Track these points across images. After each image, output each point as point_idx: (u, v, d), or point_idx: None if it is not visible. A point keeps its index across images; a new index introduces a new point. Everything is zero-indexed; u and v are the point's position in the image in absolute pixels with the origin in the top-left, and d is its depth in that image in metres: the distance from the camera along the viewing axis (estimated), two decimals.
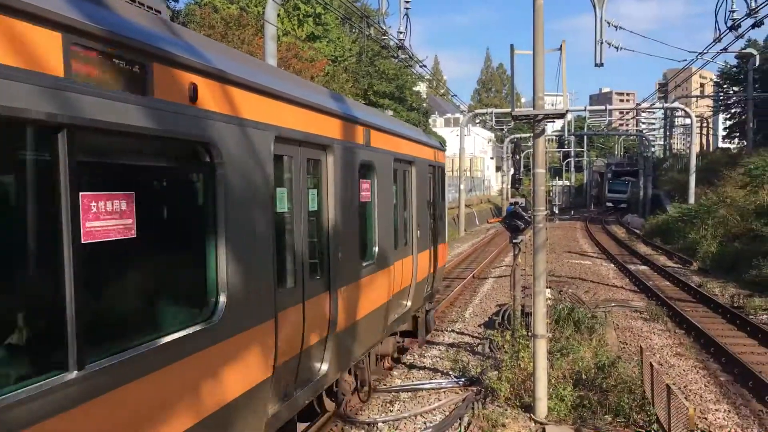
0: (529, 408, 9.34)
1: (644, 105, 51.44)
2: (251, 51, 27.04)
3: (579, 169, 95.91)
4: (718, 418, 9.63)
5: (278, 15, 34.49)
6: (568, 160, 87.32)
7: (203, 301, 5.12)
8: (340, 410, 8.91)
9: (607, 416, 8.98)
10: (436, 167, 13.69)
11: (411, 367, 12.26)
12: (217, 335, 5.01)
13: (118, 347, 4.10)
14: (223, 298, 5.09)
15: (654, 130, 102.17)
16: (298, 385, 6.87)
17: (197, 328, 4.83)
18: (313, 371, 7.35)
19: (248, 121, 5.47)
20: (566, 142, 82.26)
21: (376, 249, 9.47)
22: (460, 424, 9.06)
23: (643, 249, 34.22)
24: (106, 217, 4.02)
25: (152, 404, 4.33)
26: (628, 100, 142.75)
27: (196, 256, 5.16)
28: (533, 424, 8.95)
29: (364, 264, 8.90)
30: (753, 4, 13.09)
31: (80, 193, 3.75)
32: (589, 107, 54.09)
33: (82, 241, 3.77)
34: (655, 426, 8.56)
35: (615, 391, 9.50)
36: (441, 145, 14.80)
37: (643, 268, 26.64)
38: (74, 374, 3.64)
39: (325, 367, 7.47)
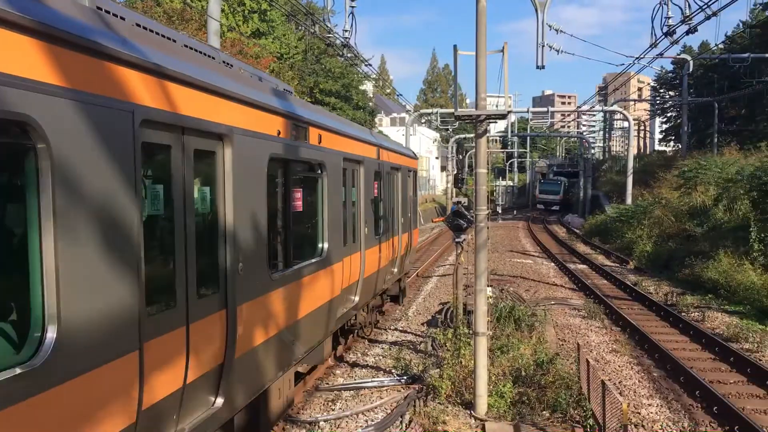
0: (469, 405, 9.45)
1: (585, 107, 52.72)
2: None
3: (522, 169, 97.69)
4: (651, 413, 9.93)
5: (222, 10, 33.99)
6: (512, 160, 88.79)
7: (21, 335, 3.93)
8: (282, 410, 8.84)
9: (545, 412, 9.16)
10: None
11: (354, 365, 12.25)
12: (41, 381, 3.76)
13: None
14: (51, 332, 3.84)
15: (594, 132, 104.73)
16: (181, 429, 5.53)
17: (11, 373, 3.60)
18: (202, 408, 5.93)
19: (93, 96, 4.21)
20: (510, 142, 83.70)
21: (324, 246, 9.64)
22: (401, 422, 9.10)
23: (582, 248, 35.03)
24: None
25: None
26: (569, 103, 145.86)
27: (10, 275, 4.05)
28: (473, 421, 9.07)
29: (281, 272, 7.79)
30: (687, 11, 13.53)
31: None
32: (531, 109, 55.11)
33: None
34: (590, 421, 8.78)
35: (553, 388, 9.70)
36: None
37: (582, 267, 27.28)
38: None
39: (219, 401, 6.09)
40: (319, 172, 9.47)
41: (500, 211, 65.30)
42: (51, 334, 3.84)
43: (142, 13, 30.13)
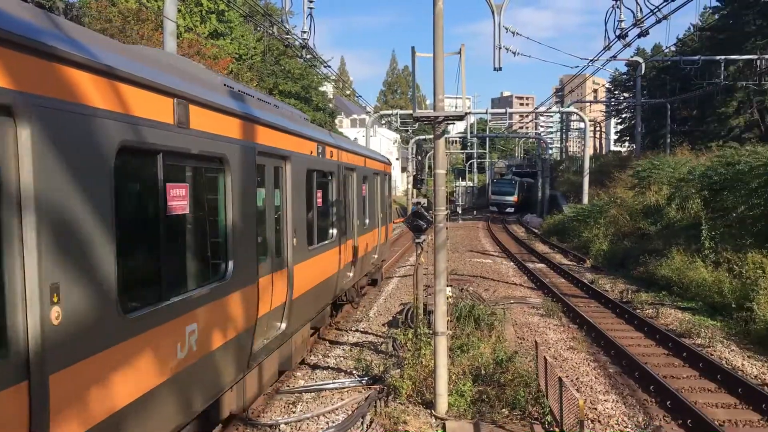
0: (430, 404, 9.52)
1: (542, 109, 53.42)
2: (151, 46, 26.19)
3: (482, 170, 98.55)
4: (607, 408, 10.13)
5: (180, 11, 33.56)
6: (471, 161, 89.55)
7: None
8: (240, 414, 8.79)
9: (504, 410, 9.28)
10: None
11: (314, 367, 12.23)
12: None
13: None
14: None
15: (552, 133, 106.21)
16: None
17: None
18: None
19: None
20: (469, 144, 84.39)
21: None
22: (362, 423, 9.13)
23: (541, 247, 35.50)
24: None
25: None
26: (527, 104, 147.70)
27: None
28: (434, 420, 9.14)
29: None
30: (639, 15, 13.86)
31: None
32: (490, 110, 55.67)
33: None
34: (548, 417, 8.93)
35: (512, 385, 9.83)
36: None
37: (540, 266, 27.65)
38: None
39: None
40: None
41: (460, 212, 65.80)
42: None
43: (96, 13, 29.62)
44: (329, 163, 12.95)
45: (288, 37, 17.19)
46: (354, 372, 11.76)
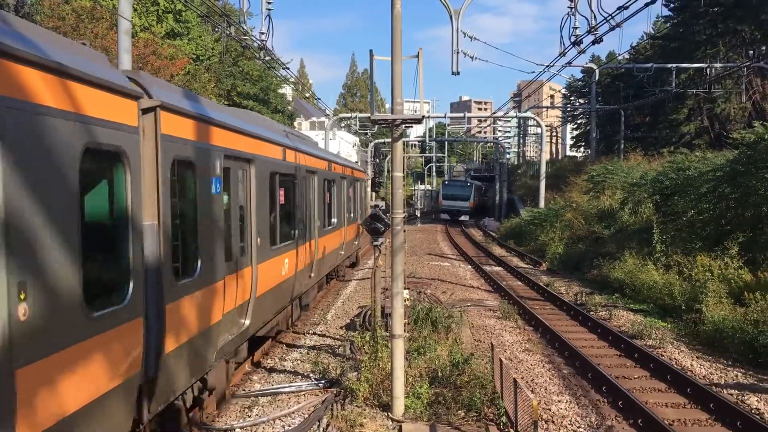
0: (387, 407, 9.53)
1: (500, 113, 53.97)
2: (105, 46, 25.71)
3: (441, 173, 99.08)
4: (561, 409, 10.28)
5: (136, 10, 33.00)
6: (430, 165, 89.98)
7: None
8: (195, 417, 8.68)
9: (460, 411, 9.34)
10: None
11: (271, 370, 12.14)
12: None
13: None
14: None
15: (509, 137, 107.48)
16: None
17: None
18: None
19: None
20: (428, 147, 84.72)
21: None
22: (318, 426, 9.08)
23: (498, 251, 35.88)
24: None
25: None
26: (485, 109, 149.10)
27: None
28: (390, 423, 9.15)
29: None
30: (593, 22, 14.14)
31: None
32: (449, 114, 56.07)
33: None
34: (503, 419, 9.03)
35: (468, 387, 9.92)
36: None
37: (497, 269, 27.94)
38: None
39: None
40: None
41: (419, 215, 66.06)
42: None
43: (49, 11, 28.91)
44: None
45: (246, 38, 17.05)
46: (311, 375, 11.71)
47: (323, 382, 11.25)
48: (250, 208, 10.32)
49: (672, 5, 47.82)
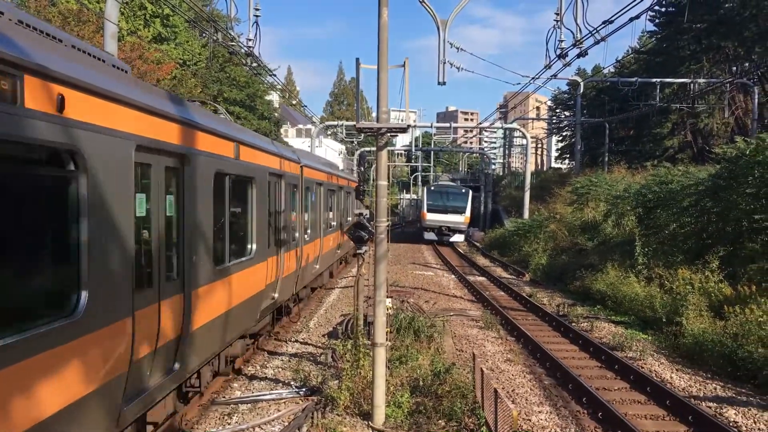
0: (367, 416, 9.50)
1: (486, 124, 54.24)
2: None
3: (427, 183, 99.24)
4: (541, 420, 10.30)
5: (123, 14, 32.89)
6: (416, 174, 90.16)
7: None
8: (174, 424, 8.61)
9: (441, 421, 9.34)
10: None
11: (252, 378, 12.07)
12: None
13: None
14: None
15: (495, 148, 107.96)
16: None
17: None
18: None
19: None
20: (414, 156, 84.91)
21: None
22: None
23: (482, 261, 35.96)
24: None
25: None
26: (472, 119, 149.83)
27: None
28: (370, 431, 9.12)
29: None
30: (578, 36, 14.27)
31: None
32: (435, 124, 56.27)
33: None
34: (484, 429, 9.02)
35: (449, 397, 9.92)
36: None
37: (481, 279, 28.00)
38: None
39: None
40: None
41: (404, 224, 66.14)
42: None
43: (35, 13, 28.76)
44: (250, 167, 10.97)
45: (233, 44, 17.05)
46: (292, 383, 11.66)
47: (304, 389, 11.21)
48: (182, 217, 7.98)
49: (657, 20, 48.41)
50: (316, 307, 20.01)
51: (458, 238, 44.45)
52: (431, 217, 44.71)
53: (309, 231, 17.28)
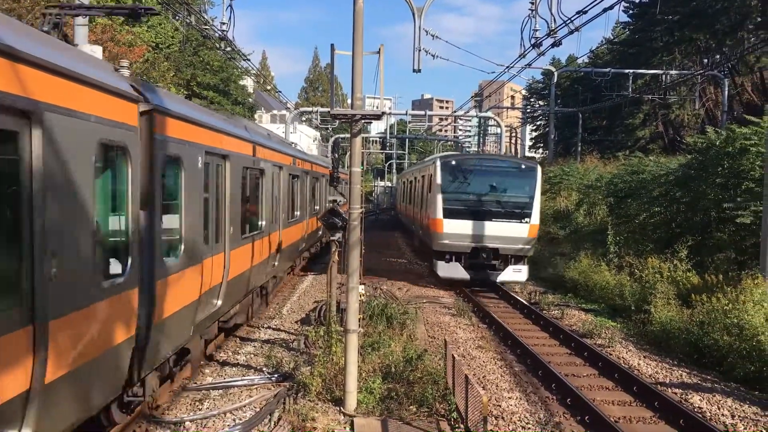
0: (339, 401, 9.54)
1: (460, 113, 54.33)
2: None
3: (401, 170, 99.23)
4: (511, 405, 10.42)
5: None
6: (391, 161, 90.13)
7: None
8: (145, 410, 8.57)
9: (412, 407, 9.41)
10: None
11: (224, 364, 12.03)
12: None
13: None
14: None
15: (470, 136, 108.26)
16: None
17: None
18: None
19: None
20: (389, 144, 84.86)
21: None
22: (270, 420, 9.05)
23: None
24: None
25: None
26: (447, 107, 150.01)
27: None
28: (342, 417, 9.17)
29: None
30: (553, 25, 14.36)
31: None
32: (410, 111, 56.23)
33: None
34: (454, 414, 9.13)
35: (421, 383, 10.00)
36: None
37: None
38: None
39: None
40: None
41: (378, 211, 66.21)
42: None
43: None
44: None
45: (206, 27, 16.86)
46: (264, 369, 11.65)
47: (276, 376, 11.21)
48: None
49: (631, 12, 48.78)
50: (290, 293, 19.98)
51: (517, 273, 21.20)
52: (455, 228, 21.03)
53: (262, 223, 14.03)
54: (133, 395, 7.90)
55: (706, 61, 46.48)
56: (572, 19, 13.37)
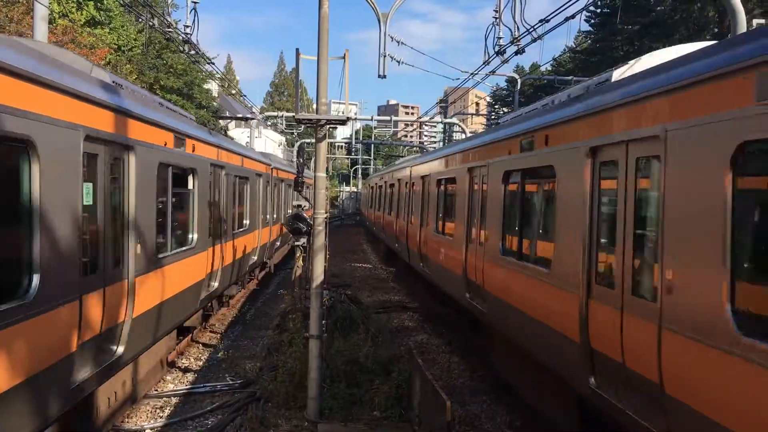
0: (303, 407, 9.49)
1: (426, 118, 54.58)
2: (21, 31, 24.59)
3: (367, 175, 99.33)
4: (473, 410, 10.48)
5: None
6: (356, 167, 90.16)
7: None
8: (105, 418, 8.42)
9: (376, 412, 9.40)
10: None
11: (186, 371, 11.89)
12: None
13: None
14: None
15: (435, 142, 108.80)
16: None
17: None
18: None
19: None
20: (354, 149, 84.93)
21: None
22: (232, 427, 8.96)
23: None
24: None
25: None
26: (412, 113, 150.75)
27: None
28: (306, 423, 9.11)
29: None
30: (516, 33, 14.48)
31: None
32: (375, 117, 56.37)
33: None
34: (418, 419, 9.13)
35: (385, 388, 9.97)
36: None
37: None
38: None
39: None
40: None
41: (343, 216, 66.15)
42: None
43: None
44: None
45: (170, 30, 16.65)
46: (227, 375, 11.53)
47: (239, 382, 11.11)
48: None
49: (592, 21, 49.63)
50: (254, 300, 19.83)
51: None
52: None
53: (194, 236, 11.50)
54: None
55: None
56: (535, 27, 13.48)
